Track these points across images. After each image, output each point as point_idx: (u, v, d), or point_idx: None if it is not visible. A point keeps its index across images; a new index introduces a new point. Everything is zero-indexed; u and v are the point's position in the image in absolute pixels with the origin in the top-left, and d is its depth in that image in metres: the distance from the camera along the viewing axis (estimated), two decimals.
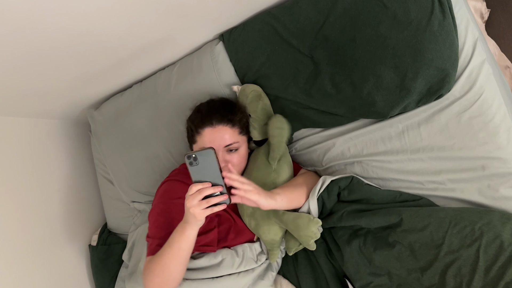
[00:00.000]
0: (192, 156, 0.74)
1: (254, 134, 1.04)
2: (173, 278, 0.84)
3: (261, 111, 1.03)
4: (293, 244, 0.96)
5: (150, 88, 1.28)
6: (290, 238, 0.97)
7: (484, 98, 0.86)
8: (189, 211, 0.75)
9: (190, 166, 0.75)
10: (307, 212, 0.93)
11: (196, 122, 0.96)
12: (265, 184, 0.96)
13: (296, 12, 0.98)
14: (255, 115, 1.03)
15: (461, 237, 0.79)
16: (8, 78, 0.98)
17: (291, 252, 0.98)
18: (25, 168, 1.27)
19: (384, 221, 0.88)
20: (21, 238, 1.18)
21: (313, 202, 0.93)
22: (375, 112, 0.95)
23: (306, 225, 0.88)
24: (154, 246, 0.88)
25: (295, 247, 0.96)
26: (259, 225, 0.96)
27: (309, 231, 0.88)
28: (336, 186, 0.95)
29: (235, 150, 0.96)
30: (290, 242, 0.97)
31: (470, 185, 0.88)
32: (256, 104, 1.03)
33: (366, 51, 0.90)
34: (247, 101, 1.04)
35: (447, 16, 0.84)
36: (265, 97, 1.07)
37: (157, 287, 0.85)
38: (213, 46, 1.15)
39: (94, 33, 0.90)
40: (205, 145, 0.93)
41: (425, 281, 0.82)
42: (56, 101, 1.28)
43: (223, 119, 0.94)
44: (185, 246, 0.80)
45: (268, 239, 0.97)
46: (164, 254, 0.82)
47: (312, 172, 1.11)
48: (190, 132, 1.00)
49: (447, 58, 0.84)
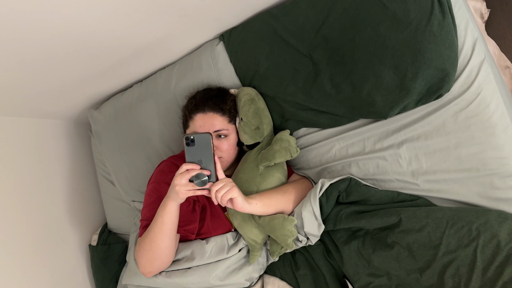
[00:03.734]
0: (190, 137, 0.80)
1: (244, 138, 1.04)
2: (162, 252, 0.91)
3: (253, 115, 1.03)
4: (276, 248, 0.96)
5: (151, 88, 1.28)
6: (272, 242, 0.97)
7: (482, 97, 0.86)
8: (175, 188, 0.81)
9: (186, 147, 0.81)
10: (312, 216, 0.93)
11: (190, 108, 1.03)
12: (248, 187, 0.98)
13: (296, 12, 0.98)
14: (246, 119, 1.03)
15: (458, 237, 0.79)
16: (8, 78, 0.98)
17: (275, 255, 0.97)
18: (26, 168, 1.27)
19: (383, 222, 0.88)
20: (21, 238, 1.18)
21: (315, 204, 0.92)
22: (374, 112, 0.95)
23: (281, 225, 0.89)
24: (143, 227, 0.95)
25: (278, 250, 0.96)
26: (240, 225, 0.97)
27: (285, 230, 0.89)
28: (335, 191, 0.95)
29: (225, 136, 1.02)
30: (273, 246, 0.97)
31: (466, 185, 0.88)
32: (248, 108, 1.03)
33: (365, 51, 0.90)
34: (240, 105, 1.05)
35: (447, 16, 0.84)
36: (259, 100, 1.06)
37: (148, 262, 0.92)
38: (214, 46, 1.15)
39: (94, 33, 0.90)
40: (196, 130, 0.99)
41: (424, 281, 0.82)
42: (56, 101, 1.29)
43: (214, 106, 1.01)
44: (167, 219, 0.86)
45: (249, 240, 0.98)
46: (151, 230, 0.89)
47: (305, 179, 1.10)
48: (184, 118, 1.06)
49: (447, 58, 0.84)
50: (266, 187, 0.99)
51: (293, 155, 1.00)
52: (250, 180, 0.99)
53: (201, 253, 0.99)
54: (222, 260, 0.99)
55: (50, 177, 1.37)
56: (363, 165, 1.00)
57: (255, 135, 1.03)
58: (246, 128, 1.04)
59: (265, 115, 1.06)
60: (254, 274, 1.02)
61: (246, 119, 1.03)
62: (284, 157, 0.99)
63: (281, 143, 1.00)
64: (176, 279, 0.98)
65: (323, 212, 0.94)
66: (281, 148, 0.99)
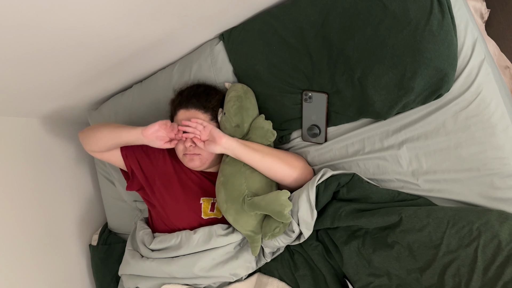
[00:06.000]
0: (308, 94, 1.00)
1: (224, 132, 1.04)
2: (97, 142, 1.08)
3: (235, 112, 1.03)
4: (269, 229, 0.93)
5: (151, 88, 1.28)
6: (265, 223, 0.96)
7: (482, 97, 0.86)
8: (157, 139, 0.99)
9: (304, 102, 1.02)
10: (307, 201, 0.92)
11: (175, 104, 1.09)
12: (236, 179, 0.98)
13: (296, 11, 0.98)
14: (228, 115, 1.03)
15: (459, 237, 0.79)
16: (8, 78, 0.98)
17: (267, 237, 0.94)
18: (25, 168, 1.27)
19: (384, 221, 0.87)
20: (21, 238, 1.18)
21: (312, 190, 0.92)
22: (373, 112, 0.95)
23: (276, 196, 0.90)
24: None
25: (271, 231, 0.93)
26: (236, 219, 0.97)
27: (280, 200, 0.89)
28: (335, 182, 0.95)
29: None
30: (266, 227, 0.95)
31: (467, 185, 0.88)
32: (232, 104, 1.03)
33: (365, 50, 0.90)
34: (227, 99, 1.06)
35: (446, 16, 0.84)
36: (246, 99, 1.04)
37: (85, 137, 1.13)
38: (213, 45, 1.15)
39: (94, 33, 0.90)
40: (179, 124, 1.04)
41: (425, 281, 0.82)
42: (56, 101, 1.29)
43: (198, 104, 1.05)
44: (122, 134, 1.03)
45: (247, 232, 0.98)
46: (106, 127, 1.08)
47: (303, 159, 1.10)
48: (170, 111, 1.13)
49: (446, 58, 0.84)
50: (254, 175, 0.99)
51: (271, 140, 1.04)
52: (235, 173, 0.99)
53: (188, 242, 1.01)
54: (208, 250, 1.01)
55: (50, 177, 1.37)
56: (363, 165, 1.00)
57: (235, 132, 1.03)
58: (226, 124, 1.04)
59: (248, 114, 1.04)
60: (240, 271, 1.02)
61: (228, 114, 1.04)
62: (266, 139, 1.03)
63: (255, 131, 1.03)
64: (163, 267, 1.01)
65: (318, 201, 0.94)
66: (256, 137, 1.02)
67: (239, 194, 0.96)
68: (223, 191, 0.98)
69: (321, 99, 1.00)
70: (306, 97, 1.01)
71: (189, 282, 1.04)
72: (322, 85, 1.00)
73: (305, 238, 0.94)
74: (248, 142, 1.00)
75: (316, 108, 1.01)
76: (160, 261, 1.03)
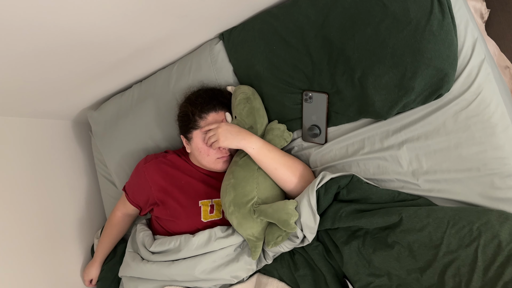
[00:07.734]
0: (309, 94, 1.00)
1: None
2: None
3: (247, 114, 1.03)
4: (272, 237, 0.94)
5: (150, 88, 1.28)
6: (269, 231, 0.96)
7: (482, 97, 0.86)
8: None
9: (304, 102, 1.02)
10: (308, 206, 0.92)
11: (200, 108, 1.06)
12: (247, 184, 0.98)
13: (296, 11, 0.98)
14: (240, 118, 1.04)
15: (459, 237, 0.79)
16: (8, 78, 0.98)
17: (269, 245, 0.95)
18: (25, 168, 1.27)
19: (384, 221, 0.87)
20: (21, 239, 1.18)
21: (312, 194, 0.92)
22: (373, 112, 0.95)
23: (284, 205, 0.90)
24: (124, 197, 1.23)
25: (274, 240, 0.94)
26: (240, 223, 0.97)
27: (287, 209, 0.89)
28: (335, 185, 0.95)
29: None
30: (269, 235, 0.95)
31: (467, 185, 0.88)
32: (243, 106, 1.03)
33: (365, 50, 0.90)
34: (235, 103, 1.05)
35: (446, 16, 0.84)
36: (255, 99, 1.05)
37: None
38: (213, 45, 1.15)
39: (94, 33, 0.90)
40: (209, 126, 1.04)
41: (425, 281, 0.82)
42: (56, 101, 1.29)
43: (224, 105, 1.09)
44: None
45: (249, 237, 0.98)
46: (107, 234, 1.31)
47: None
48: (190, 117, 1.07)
49: (446, 58, 0.84)
50: (266, 183, 0.99)
51: (288, 140, 1.07)
52: (248, 178, 0.98)
53: (187, 246, 1.01)
54: (208, 253, 1.01)
55: (50, 177, 1.37)
56: (363, 165, 1.00)
57: None
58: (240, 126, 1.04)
59: (260, 114, 1.06)
60: (240, 273, 1.02)
61: (240, 117, 1.04)
62: (279, 144, 1.03)
63: (272, 132, 1.04)
64: (163, 270, 1.01)
65: (320, 204, 0.94)
66: (274, 136, 1.03)
67: (249, 199, 0.96)
68: (232, 194, 0.98)
69: (321, 99, 1.00)
70: (306, 97, 1.01)
71: (190, 285, 1.04)
72: (322, 85, 1.00)
73: (309, 241, 0.95)
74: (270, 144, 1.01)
75: (317, 108, 1.01)
76: (160, 264, 1.03)
